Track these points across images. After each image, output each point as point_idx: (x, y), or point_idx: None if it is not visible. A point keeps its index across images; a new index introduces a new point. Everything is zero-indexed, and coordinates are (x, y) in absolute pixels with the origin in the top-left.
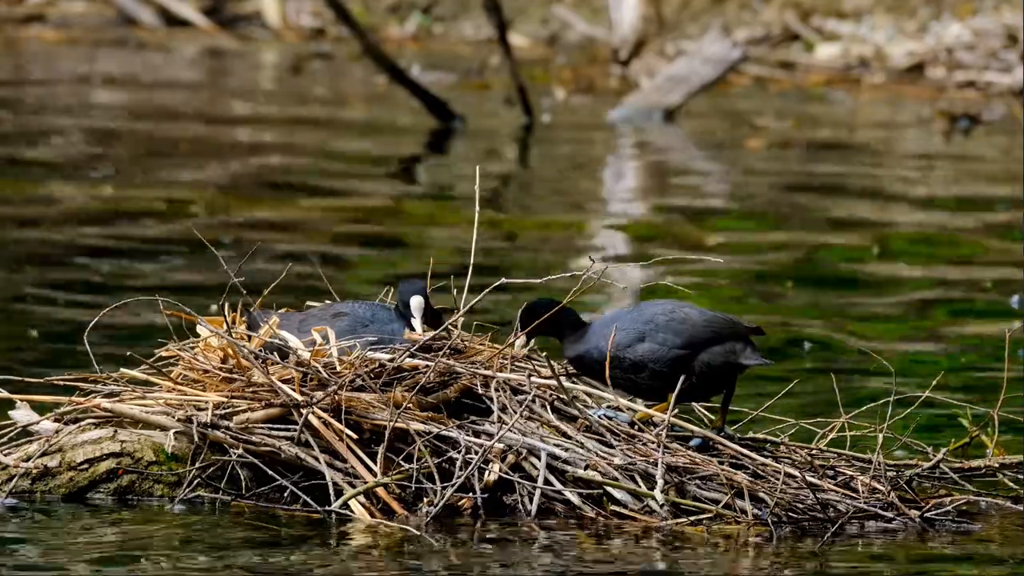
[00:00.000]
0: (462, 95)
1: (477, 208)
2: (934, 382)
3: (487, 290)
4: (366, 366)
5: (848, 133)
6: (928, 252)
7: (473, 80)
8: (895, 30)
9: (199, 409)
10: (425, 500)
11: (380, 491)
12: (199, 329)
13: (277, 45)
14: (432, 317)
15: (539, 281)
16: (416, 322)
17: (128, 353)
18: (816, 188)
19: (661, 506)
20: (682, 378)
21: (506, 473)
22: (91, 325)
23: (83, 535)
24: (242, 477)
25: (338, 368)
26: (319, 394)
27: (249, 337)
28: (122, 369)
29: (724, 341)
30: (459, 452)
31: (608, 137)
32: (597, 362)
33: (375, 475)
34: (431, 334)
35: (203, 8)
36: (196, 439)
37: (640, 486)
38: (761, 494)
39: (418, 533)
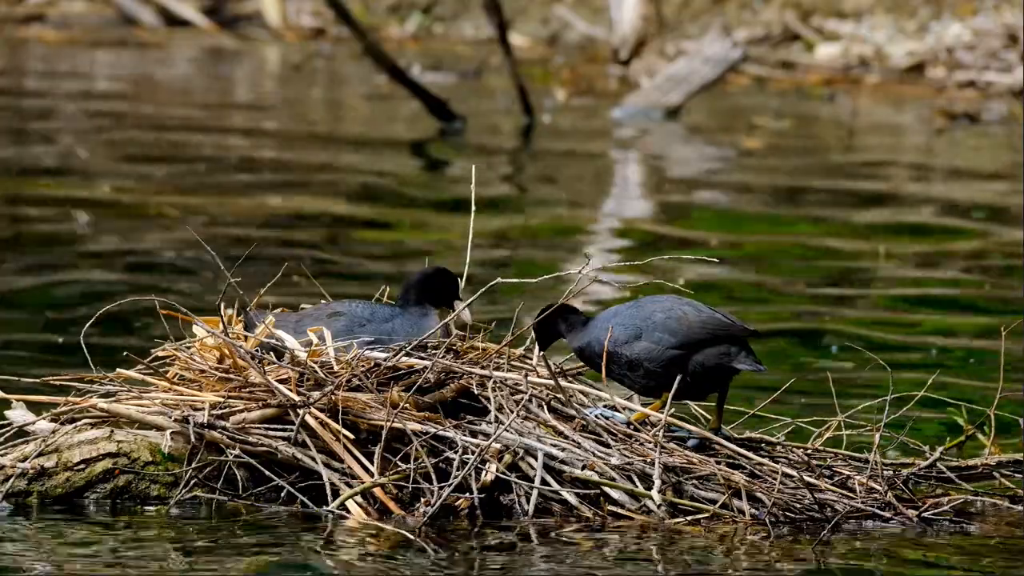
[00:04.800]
0: (462, 95)
1: (473, 208)
2: (930, 380)
3: (482, 290)
4: (363, 366)
5: (848, 133)
6: (926, 251)
7: (473, 80)
8: (895, 30)
9: (196, 409)
10: (422, 500)
11: (377, 491)
12: (195, 329)
13: (277, 45)
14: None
15: (534, 281)
16: (466, 312)
17: (124, 353)
18: (816, 187)
19: (658, 506)
20: (679, 378)
21: (503, 473)
22: (88, 325)
23: (79, 535)
24: (239, 477)
25: (335, 368)
26: (316, 394)
27: (245, 337)
28: (118, 369)
29: (720, 343)
30: (456, 452)
31: (608, 137)
32: (598, 355)
33: (372, 475)
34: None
35: (203, 8)
36: (193, 439)
37: (637, 486)
38: (758, 494)
39: (415, 533)
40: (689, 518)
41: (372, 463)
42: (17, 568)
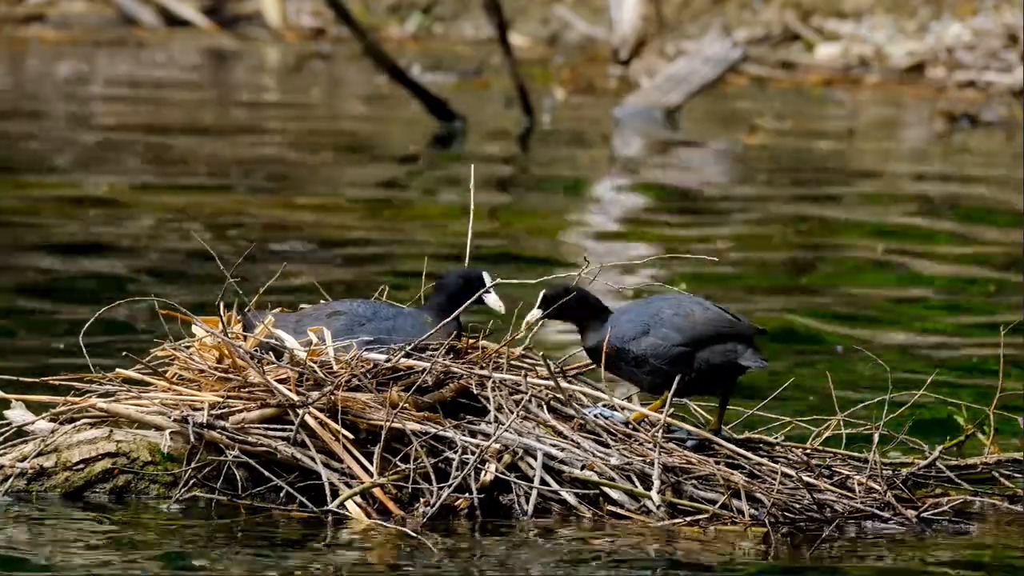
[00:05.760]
0: (462, 95)
1: (472, 208)
2: (929, 379)
3: (481, 291)
4: (362, 366)
5: (848, 133)
6: (927, 250)
7: (473, 80)
8: (895, 30)
9: (195, 409)
10: (421, 500)
11: (376, 491)
12: (194, 329)
13: (277, 45)
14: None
15: (534, 281)
16: (492, 297)
17: (124, 353)
18: (816, 187)
19: (658, 506)
20: (678, 377)
21: (502, 473)
22: (87, 325)
23: (79, 535)
24: (238, 477)
25: (334, 368)
26: (315, 394)
27: (245, 337)
28: (117, 369)
29: (725, 340)
30: (455, 452)
31: (608, 137)
32: (607, 354)
33: (371, 475)
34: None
35: (203, 8)
36: (192, 439)
37: (636, 486)
38: (757, 494)
39: (414, 534)
40: (688, 518)
41: (371, 463)
42: (16, 568)
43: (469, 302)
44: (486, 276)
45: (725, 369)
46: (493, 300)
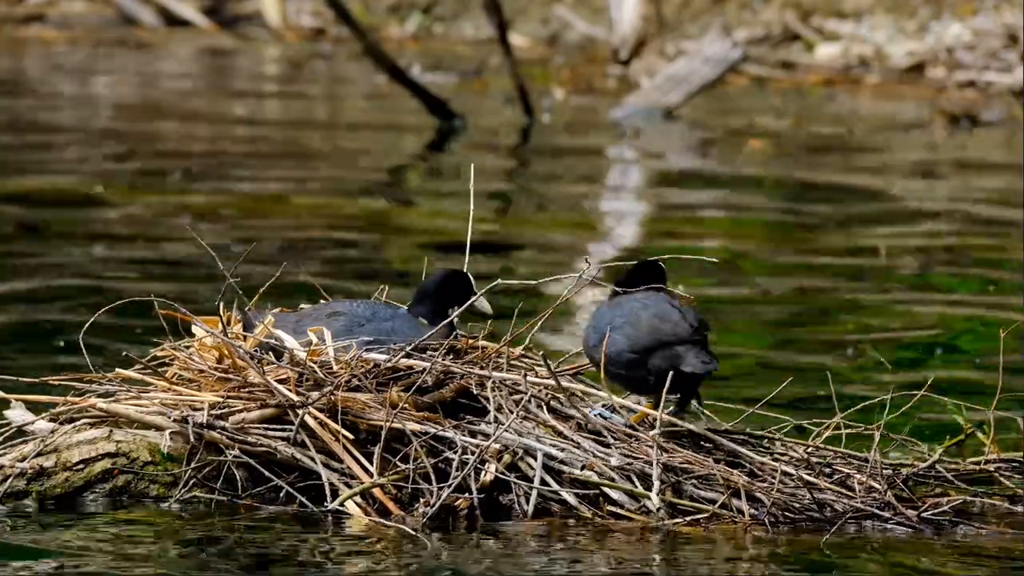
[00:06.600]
0: (462, 95)
1: (471, 208)
2: (930, 380)
3: (482, 292)
4: (362, 366)
5: (848, 133)
6: (927, 249)
7: (473, 80)
8: (895, 30)
9: (195, 409)
10: (421, 501)
11: (376, 492)
12: (194, 329)
13: (277, 45)
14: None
15: (535, 282)
16: (484, 302)
17: (124, 353)
18: (816, 187)
19: (657, 508)
20: (671, 374)
21: (502, 473)
22: (87, 325)
23: (78, 536)
24: (238, 477)
25: (334, 368)
26: (315, 394)
27: (244, 337)
28: (117, 369)
29: (671, 345)
30: (455, 452)
31: (608, 137)
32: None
33: (371, 475)
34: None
35: (203, 8)
36: (192, 439)
37: (636, 486)
38: (757, 493)
39: (414, 534)
40: (688, 518)
41: (371, 463)
42: (16, 569)
43: (464, 307)
44: (471, 278)
45: (676, 375)
46: (480, 302)
